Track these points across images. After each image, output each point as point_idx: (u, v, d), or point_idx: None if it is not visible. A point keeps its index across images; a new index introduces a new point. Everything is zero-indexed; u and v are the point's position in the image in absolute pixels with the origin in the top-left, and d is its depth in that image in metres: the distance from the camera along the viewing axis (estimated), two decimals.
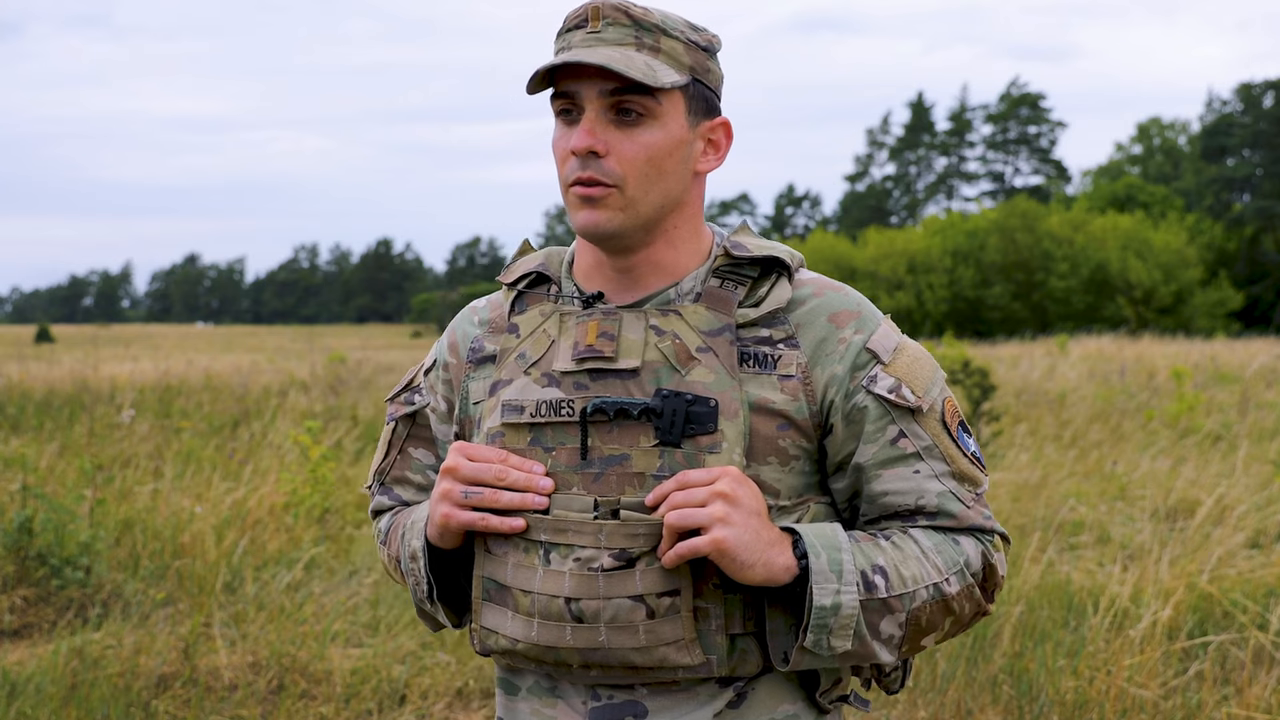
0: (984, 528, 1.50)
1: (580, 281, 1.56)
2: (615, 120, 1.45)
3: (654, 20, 1.46)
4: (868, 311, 1.52)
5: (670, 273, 1.52)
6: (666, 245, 1.52)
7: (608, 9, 1.46)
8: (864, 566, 1.41)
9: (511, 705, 1.56)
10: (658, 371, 1.45)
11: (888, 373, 1.48)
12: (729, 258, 1.51)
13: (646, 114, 1.45)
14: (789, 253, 1.53)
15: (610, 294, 1.53)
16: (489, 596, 1.49)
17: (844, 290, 1.53)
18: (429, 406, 1.67)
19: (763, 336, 1.48)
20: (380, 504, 1.73)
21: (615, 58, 1.42)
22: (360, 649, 4.67)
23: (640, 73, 1.41)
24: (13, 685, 4.27)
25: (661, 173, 1.47)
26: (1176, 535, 6.04)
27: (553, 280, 1.58)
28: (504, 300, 1.62)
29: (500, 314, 1.61)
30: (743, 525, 1.37)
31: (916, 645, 1.47)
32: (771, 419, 1.45)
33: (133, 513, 6.35)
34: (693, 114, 1.49)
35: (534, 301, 1.57)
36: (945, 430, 1.49)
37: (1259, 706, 3.91)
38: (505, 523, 1.45)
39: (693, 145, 1.50)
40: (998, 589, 1.52)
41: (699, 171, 1.52)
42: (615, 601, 1.41)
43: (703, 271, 1.52)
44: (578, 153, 1.45)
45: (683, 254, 1.53)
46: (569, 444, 1.46)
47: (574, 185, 1.47)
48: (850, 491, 1.51)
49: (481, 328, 1.62)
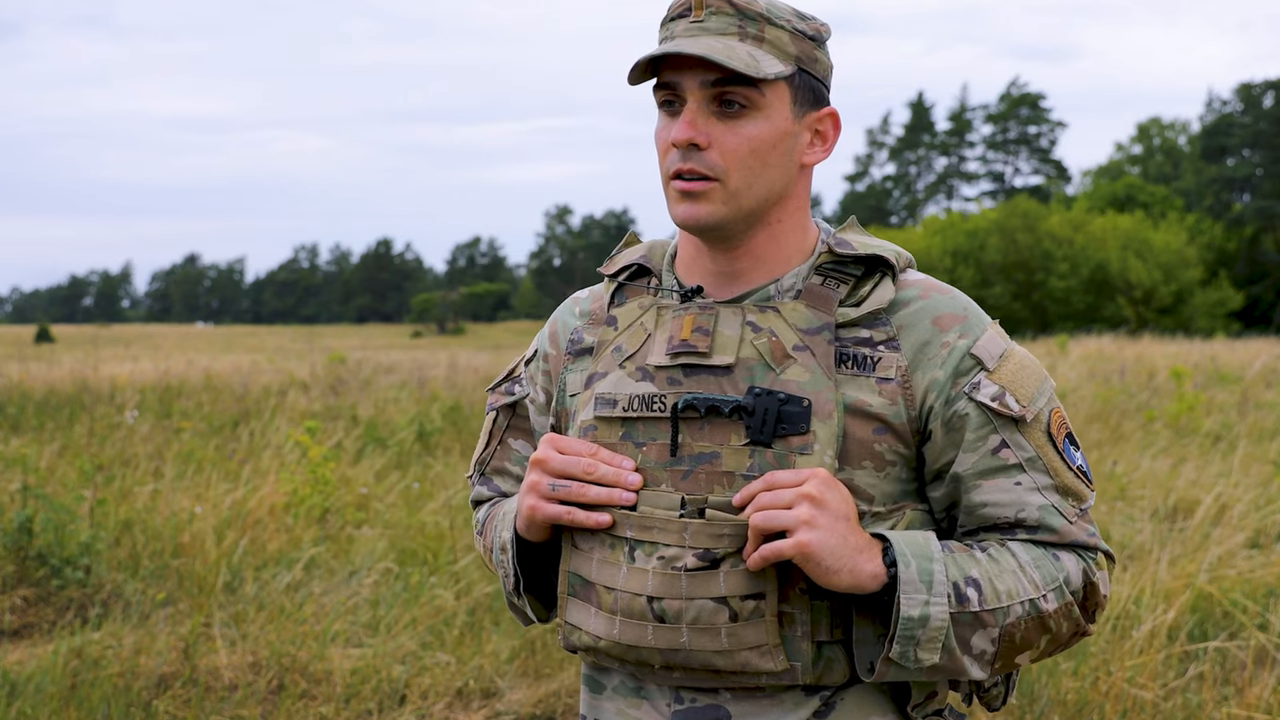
0: (1086, 544, 1.44)
1: (681, 275, 1.54)
2: (717, 112, 1.42)
3: (759, 9, 1.43)
4: (974, 315, 1.47)
5: (772, 268, 1.49)
6: (769, 239, 1.48)
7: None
8: (956, 578, 1.36)
9: (596, 703, 1.54)
10: (752, 369, 1.42)
11: (992, 380, 1.43)
12: (832, 255, 1.48)
13: (750, 105, 1.42)
14: (895, 252, 1.48)
15: (710, 288, 1.50)
16: (574, 592, 1.47)
17: (951, 293, 1.49)
18: (528, 397, 1.65)
19: (863, 337, 1.44)
20: (479, 494, 1.71)
21: (717, 48, 1.39)
22: (360, 649, 4.67)
23: (743, 63, 1.38)
24: (13, 685, 4.27)
25: (765, 165, 1.44)
26: (1176, 535, 6.04)
27: (654, 273, 1.56)
28: (605, 292, 1.59)
29: (600, 305, 1.59)
30: (829, 529, 1.33)
31: (1010, 662, 1.41)
32: (868, 422, 1.41)
33: (133, 513, 6.35)
34: (798, 105, 1.45)
35: (633, 294, 1.55)
36: (1050, 442, 1.44)
37: (1259, 707, 3.90)
38: (591, 517, 1.43)
39: (798, 137, 1.46)
40: (1099, 609, 1.46)
41: (805, 164, 1.49)
42: (698, 602, 1.38)
43: (805, 268, 1.49)
44: (679, 145, 1.42)
45: (786, 249, 1.49)
46: (660, 440, 1.44)
47: (675, 178, 1.44)
48: (948, 501, 1.46)
49: (582, 319, 1.60)
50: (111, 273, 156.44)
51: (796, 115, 1.45)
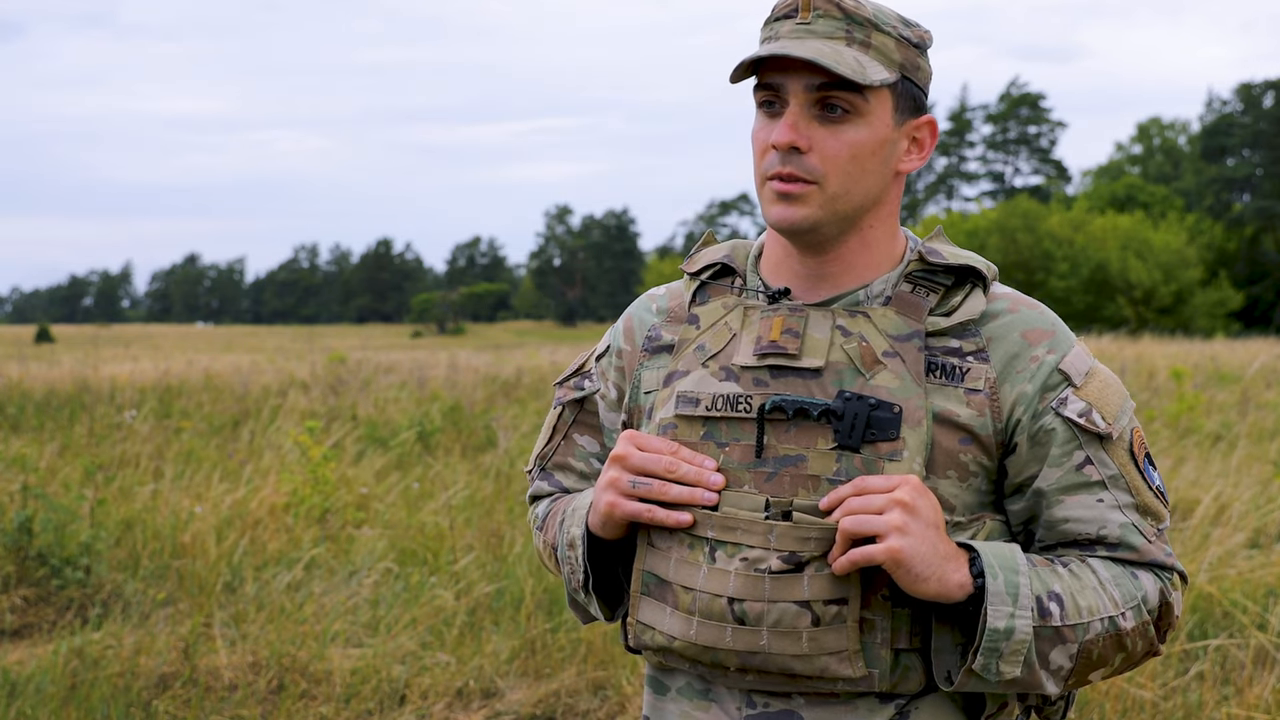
0: (1164, 564, 1.45)
1: (767, 276, 1.53)
2: (819, 116, 1.42)
3: (866, 14, 1.42)
4: (1062, 332, 1.47)
5: (861, 274, 1.48)
6: (861, 245, 1.48)
7: (819, 0, 1.42)
8: (1040, 592, 1.36)
9: (659, 705, 1.53)
10: (841, 373, 1.41)
11: (1079, 396, 1.43)
12: (923, 263, 1.47)
13: (853, 111, 1.41)
14: (986, 264, 1.48)
15: (797, 291, 1.49)
16: (648, 591, 1.46)
17: (1039, 308, 1.49)
18: (598, 393, 1.63)
19: (952, 347, 1.44)
20: (540, 489, 1.69)
21: (825, 52, 1.38)
22: (360, 649, 4.67)
23: (850, 69, 1.37)
24: (13, 685, 4.27)
25: (864, 171, 1.43)
26: (1176, 535, 6.04)
27: (738, 273, 1.55)
28: (685, 290, 1.58)
29: (680, 304, 1.57)
30: (920, 536, 1.32)
31: (1084, 679, 1.41)
32: (954, 432, 1.41)
33: (133, 513, 6.35)
34: (899, 112, 1.45)
35: (717, 293, 1.54)
36: (1133, 461, 1.44)
37: (1259, 707, 3.91)
38: (672, 516, 1.41)
39: (897, 144, 1.46)
40: (1171, 629, 1.47)
41: (900, 171, 1.48)
42: (780, 605, 1.37)
43: (894, 275, 1.48)
44: (779, 147, 1.41)
45: (876, 255, 1.49)
46: (744, 440, 1.42)
47: (772, 179, 1.43)
48: (1027, 514, 1.46)
49: (659, 316, 1.58)
50: (111, 273, 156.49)
51: (897, 122, 1.45)
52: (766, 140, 1.44)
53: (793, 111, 1.41)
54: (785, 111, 1.42)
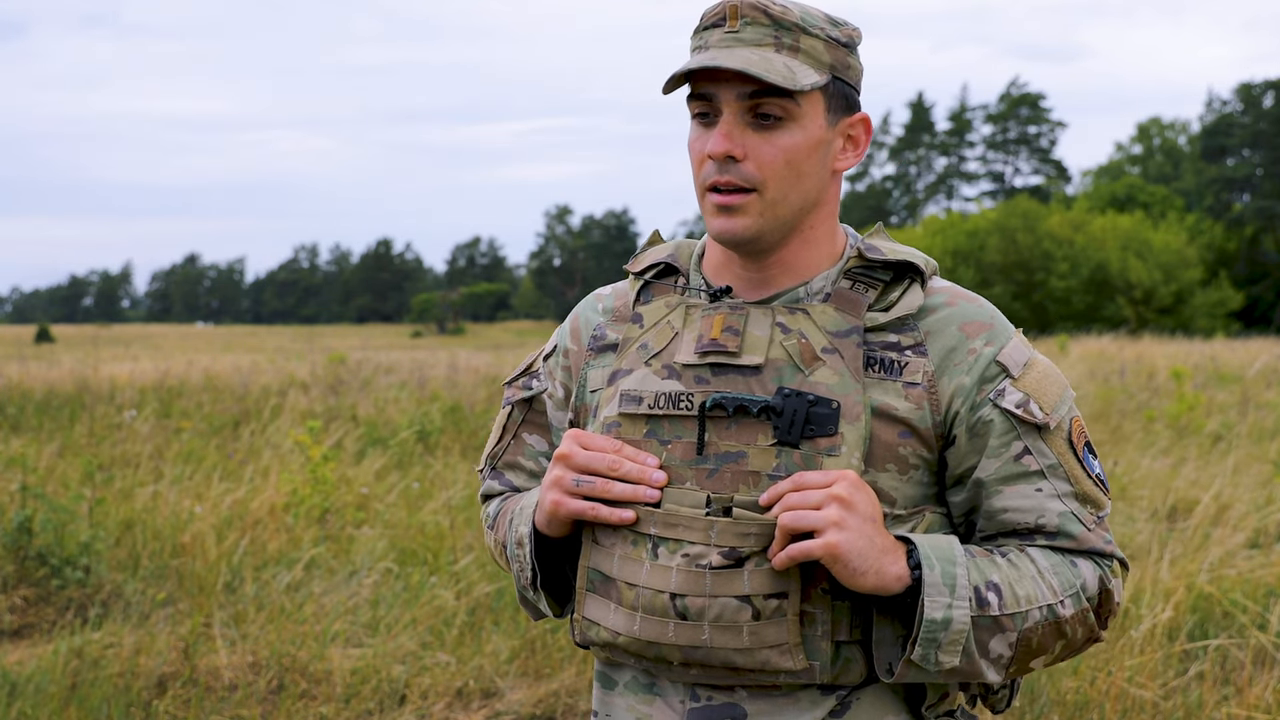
0: (1103, 552, 1.46)
1: (710, 275, 1.54)
2: (753, 123, 1.42)
3: (793, 18, 1.43)
4: (1000, 324, 1.48)
5: (802, 272, 1.50)
6: (801, 245, 1.49)
7: (746, 7, 1.42)
8: (978, 582, 1.38)
9: (608, 699, 1.55)
10: (781, 370, 1.43)
11: (1016, 387, 1.44)
12: (862, 260, 1.49)
13: (786, 116, 1.42)
14: (924, 259, 1.50)
15: (739, 289, 1.51)
16: (593, 588, 1.47)
17: (978, 301, 1.50)
18: (546, 392, 1.64)
19: (890, 342, 1.45)
20: (490, 488, 1.71)
21: (754, 60, 1.39)
22: (360, 649, 4.67)
23: (780, 76, 1.38)
24: (13, 685, 4.27)
25: (801, 175, 1.44)
26: (1176, 535, 6.04)
27: (681, 272, 1.57)
28: (630, 289, 1.60)
29: (625, 303, 1.59)
30: (857, 531, 1.34)
31: (1025, 667, 1.43)
32: (893, 426, 1.42)
33: (133, 513, 6.35)
34: (832, 112, 1.46)
35: (660, 292, 1.56)
36: (1071, 450, 1.46)
37: (1259, 707, 3.91)
38: (615, 514, 1.43)
39: (832, 144, 1.47)
40: (1113, 615, 1.48)
41: (837, 170, 1.49)
42: (721, 600, 1.38)
43: (834, 272, 1.50)
44: (715, 157, 1.43)
45: (816, 254, 1.50)
46: (685, 438, 1.44)
47: (711, 191, 1.45)
48: (968, 506, 1.47)
49: (605, 315, 1.60)
50: (111, 273, 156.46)
51: (831, 123, 1.46)
52: (703, 150, 1.45)
53: (726, 121, 1.42)
54: (719, 121, 1.43)
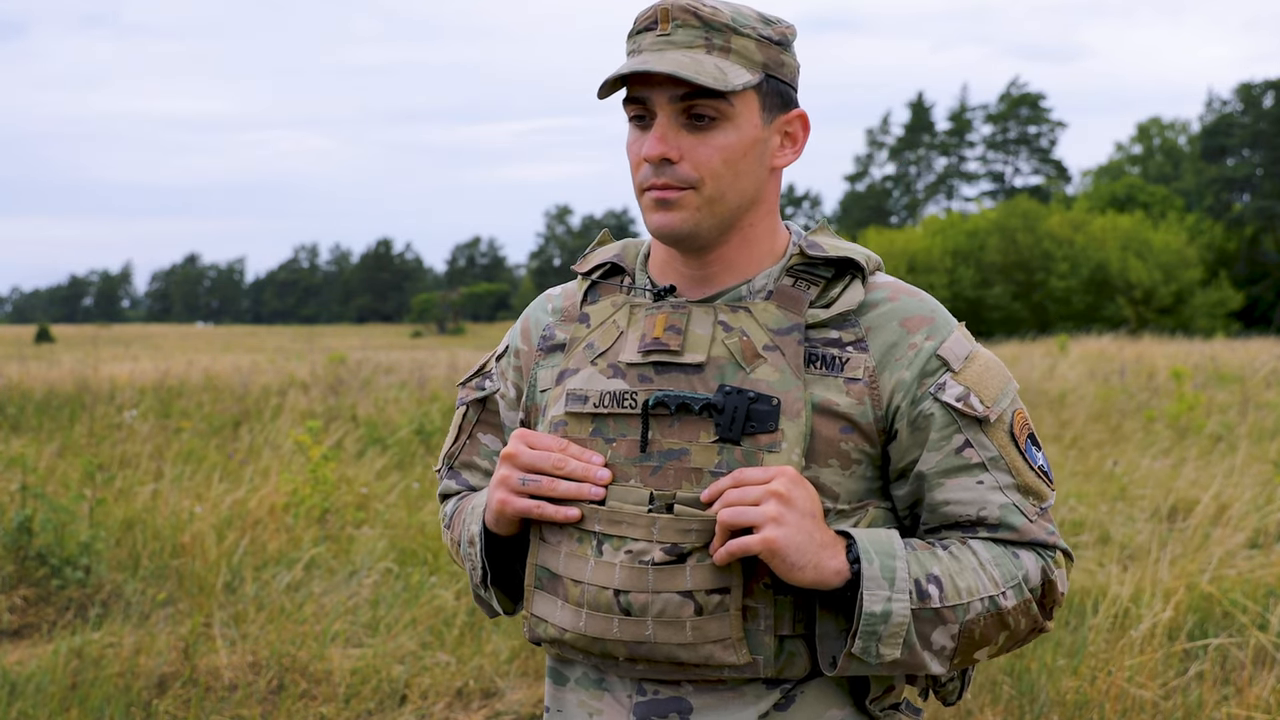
0: (1046, 543, 1.47)
1: (654, 275, 1.56)
2: (687, 124, 1.43)
3: (724, 19, 1.44)
4: (941, 318, 1.50)
5: (744, 270, 1.51)
6: (742, 242, 1.50)
7: (677, 10, 1.44)
8: (918, 575, 1.39)
9: (559, 695, 1.56)
10: (723, 367, 1.44)
11: (957, 381, 1.45)
12: (804, 257, 1.50)
13: (720, 116, 1.43)
14: (866, 255, 1.51)
15: (683, 288, 1.52)
16: (541, 585, 1.49)
17: (919, 295, 1.51)
18: (498, 392, 1.66)
19: (831, 338, 1.46)
20: (448, 488, 1.73)
21: (684, 63, 1.40)
22: (360, 649, 4.67)
23: (711, 77, 1.39)
24: (13, 685, 4.27)
25: (737, 174, 1.45)
26: (1176, 535, 6.04)
27: (627, 272, 1.58)
28: (578, 290, 1.61)
29: (573, 303, 1.60)
30: (795, 526, 1.35)
31: (969, 658, 1.44)
32: (835, 421, 1.44)
33: (133, 513, 6.35)
34: (767, 110, 1.47)
35: (606, 292, 1.57)
36: (1013, 442, 1.47)
37: (1259, 707, 3.91)
38: (560, 512, 1.45)
39: (768, 142, 1.48)
40: (1057, 606, 1.49)
41: (775, 167, 1.50)
42: (664, 596, 1.40)
43: (776, 269, 1.51)
44: (650, 160, 1.44)
45: (757, 252, 1.51)
46: (630, 436, 1.45)
47: (648, 189, 1.46)
48: (911, 499, 1.49)
49: (554, 315, 1.62)
50: (111, 273, 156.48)
51: (766, 121, 1.47)
52: (639, 153, 1.46)
53: (660, 124, 1.44)
54: (654, 124, 1.44)
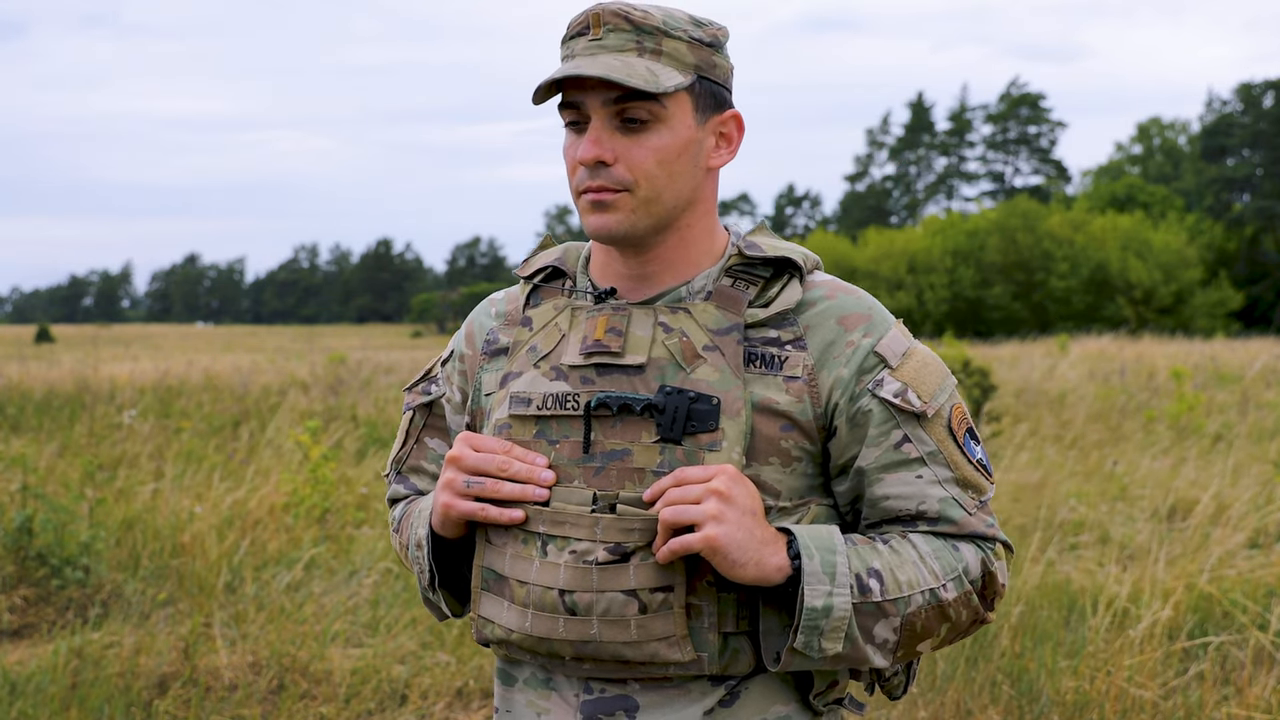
0: (985, 535, 1.49)
1: (595, 277, 1.57)
2: (621, 127, 1.45)
3: (655, 22, 1.46)
4: (879, 315, 1.51)
5: (682, 271, 1.52)
6: (680, 243, 1.52)
7: (608, 15, 1.46)
8: (859, 569, 1.40)
9: (508, 695, 1.58)
10: (663, 368, 1.46)
11: (895, 377, 1.47)
12: (742, 257, 1.52)
13: (653, 118, 1.45)
14: (803, 254, 1.53)
15: (623, 290, 1.54)
16: (487, 586, 1.51)
17: (857, 293, 1.53)
18: (444, 397, 1.68)
19: (771, 337, 1.48)
20: (396, 492, 1.74)
21: (616, 66, 1.42)
22: (360, 649, 4.68)
23: (642, 80, 1.41)
24: (13, 685, 4.28)
25: (673, 174, 1.47)
26: (1176, 535, 6.05)
27: (568, 275, 1.60)
28: (520, 293, 1.63)
29: (516, 307, 1.62)
30: (736, 524, 1.37)
31: (912, 650, 1.46)
32: (775, 420, 1.45)
33: (133, 513, 6.35)
34: (700, 111, 1.48)
35: (548, 295, 1.59)
36: (951, 436, 1.49)
37: (1259, 706, 3.91)
38: (504, 514, 1.46)
39: (703, 142, 1.50)
40: (998, 597, 1.51)
41: (711, 167, 1.52)
42: (608, 595, 1.42)
43: (715, 270, 1.52)
44: (585, 163, 1.46)
45: (695, 252, 1.53)
46: (573, 437, 1.47)
47: (584, 193, 1.48)
48: (852, 495, 1.50)
49: (497, 320, 1.63)
50: (111, 273, 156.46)
51: (700, 121, 1.49)
52: (575, 157, 1.48)
53: (594, 127, 1.46)
54: (589, 127, 1.46)
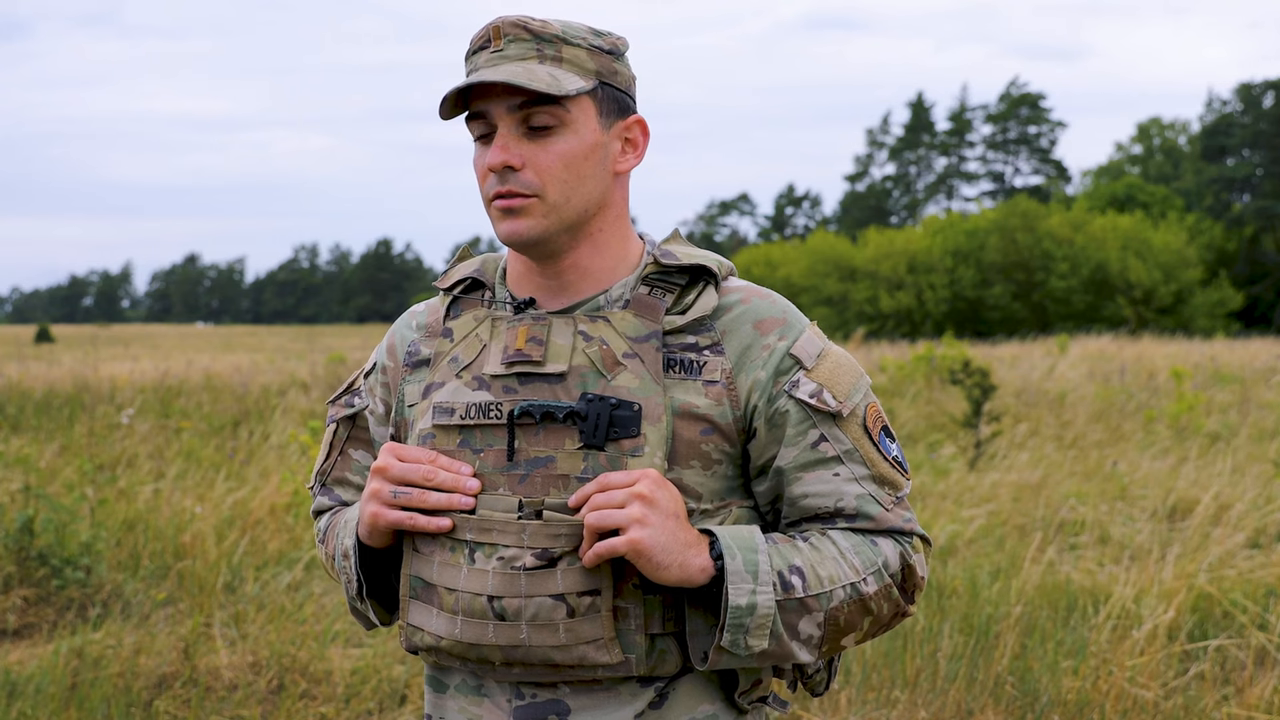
0: (903, 530, 1.52)
1: (512, 287, 1.60)
2: (527, 133, 1.49)
3: (554, 31, 1.49)
4: (793, 318, 1.55)
5: (599, 279, 1.55)
6: (592, 249, 1.54)
7: (508, 27, 1.49)
8: (781, 567, 1.43)
9: (440, 702, 1.59)
10: (584, 376, 1.48)
11: (810, 378, 1.50)
12: (658, 266, 1.54)
13: (557, 123, 1.48)
14: (718, 261, 1.56)
15: (542, 300, 1.56)
16: (416, 594, 1.52)
17: (771, 297, 1.56)
18: (368, 409, 1.70)
19: (689, 343, 1.51)
20: (321, 504, 1.75)
21: (518, 72, 1.45)
22: (360, 649, 4.68)
23: (544, 83, 1.45)
24: (13, 685, 4.28)
25: (580, 177, 1.50)
26: (1176, 535, 6.05)
27: (487, 286, 1.62)
28: (440, 305, 1.65)
29: (437, 319, 1.64)
30: (659, 527, 1.39)
31: (836, 645, 1.49)
32: (695, 423, 1.48)
33: (133, 513, 6.35)
34: (604, 116, 1.52)
35: (468, 307, 1.61)
36: (866, 435, 1.52)
37: (1259, 707, 3.91)
38: (432, 522, 1.48)
39: (609, 146, 1.53)
40: (918, 589, 1.55)
41: (618, 171, 1.55)
42: (536, 600, 1.44)
43: (632, 279, 1.55)
44: (494, 169, 1.48)
45: (609, 258, 1.55)
46: (497, 446, 1.49)
47: (495, 200, 1.50)
48: (772, 495, 1.53)
49: (419, 332, 1.65)
50: (111, 273, 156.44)
51: (604, 126, 1.52)
52: (484, 165, 1.51)
53: (501, 134, 1.49)
54: (496, 135, 1.49)
